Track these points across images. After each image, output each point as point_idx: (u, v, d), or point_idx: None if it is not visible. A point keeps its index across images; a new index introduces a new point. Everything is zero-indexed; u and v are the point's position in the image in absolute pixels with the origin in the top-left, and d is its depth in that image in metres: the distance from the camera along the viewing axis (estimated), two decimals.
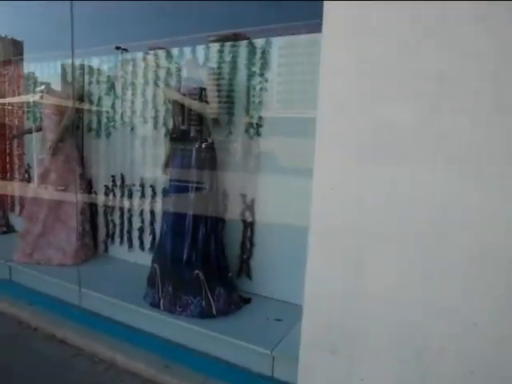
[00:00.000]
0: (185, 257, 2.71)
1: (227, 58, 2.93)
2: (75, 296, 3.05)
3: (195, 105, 2.68)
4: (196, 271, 2.69)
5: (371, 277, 1.78)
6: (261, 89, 2.82)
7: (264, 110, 2.83)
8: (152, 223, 3.47)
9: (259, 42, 2.81)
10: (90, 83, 3.71)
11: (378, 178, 1.68)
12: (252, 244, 2.99)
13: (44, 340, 2.86)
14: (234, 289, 2.80)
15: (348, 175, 1.77)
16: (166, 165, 2.99)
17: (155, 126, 3.35)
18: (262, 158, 2.90)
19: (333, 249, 1.86)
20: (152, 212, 3.45)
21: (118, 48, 3.57)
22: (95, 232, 3.79)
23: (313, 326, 1.93)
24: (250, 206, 2.96)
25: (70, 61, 3.73)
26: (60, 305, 3.13)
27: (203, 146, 2.73)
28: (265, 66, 2.80)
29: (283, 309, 2.80)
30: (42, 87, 3.69)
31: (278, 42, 2.77)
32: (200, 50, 3.05)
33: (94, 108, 3.70)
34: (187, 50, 3.11)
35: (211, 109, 2.71)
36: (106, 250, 3.79)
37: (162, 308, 2.69)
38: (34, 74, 4.15)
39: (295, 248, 2.78)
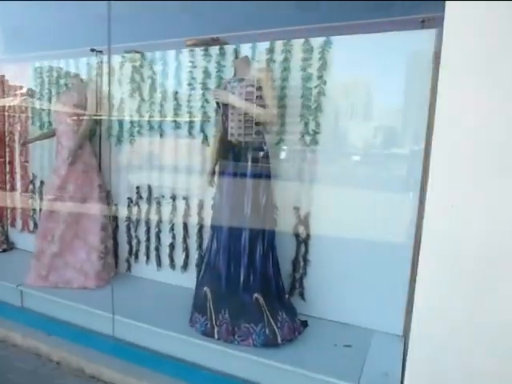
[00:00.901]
0: (242, 279, 2.42)
1: (278, 57, 2.68)
2: (104, 324, 2.70)
3: (257, 109, 2.40)
4: (255, 295, 2.40)
5: (502, 307, 1.57)
6: (318, 93, 2.58)
7: (322, 115, 2.59)
8: (185, 239, 3.15)
9: (317, 41, 2.58)
10: (110, 84, 3.36)
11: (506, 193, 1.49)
12: (306, 261, 2.74)
13: (71, 376, 2.52)
14: (295, 313, 2.54)
15: (472, 191, 1.56)
16: (213, 174, 2.71)
17: (190, 132, 3.04)
18: (318, 168, 2.65)
19: (452, 274, 1.64)
20: (185, 227, 3.13)
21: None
22: (116, 249, 3.43)
23: (421, 364, 1.70)
24: (303, 220, 2.71)
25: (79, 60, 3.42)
26: (86, 334, 2.76)
27: (261, 154, 2.46)
28: (323, 67, 2.57)
29: (344, 332, 2.56)
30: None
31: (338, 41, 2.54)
32: (246, 48, 2.79)
33: (115, 112, 3.35)
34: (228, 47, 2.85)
35: (271, 114, 2.43)
36: (129, 268, 3.43)
37: (216, 337, 2.38)
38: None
39: (352, 265, 2.59)
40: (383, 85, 2.49)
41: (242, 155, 2.47)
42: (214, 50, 2.91)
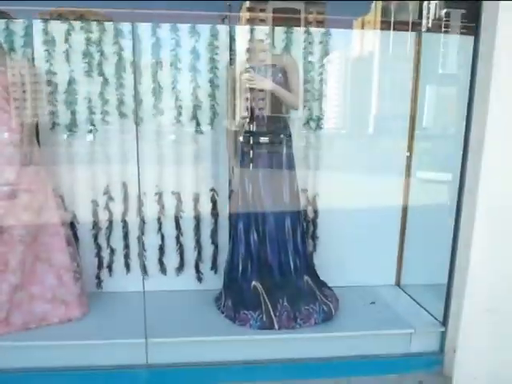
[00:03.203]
0: (292, 265, 2.47)
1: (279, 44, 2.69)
2: (129, 353, 2.28)
3: (290, 96, 2.40)
4: (305, 277, 2.50)
5: None
6: (321, 80, 2.75)
7: (324, 102, 2.78)
8: (178, 239, 2.84)
9: (317, 31, 2.72)
10: (49, 57, 2.60)
11: None
12: (315, 238, 2.94)
13: None
14: (326, 284, 2.73)
15: None
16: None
17: (177, 119, 2.71)
18: (323, 152, 2.85)
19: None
20: (178, 225, 2.82)
21: None
22: None
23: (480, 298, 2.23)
24: (311, 202, 2.89)
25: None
26: (103, 374, 2.26)
27: (290, 140, 2.50)
28: (324, 56, 2.74)
29: (360, 292, 2.93)
30: None
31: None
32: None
33: (61, 95, 2.63)
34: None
35: (298, 100, 2.48)
36: (100, 285, 2.84)
37: (277, 327, 2.38)
38: None
39: (351, 235, 2.96)
40: None
41: (273, 142, 2.45)
42: (204, 28, 2.66)
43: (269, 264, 2.44)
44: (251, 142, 2.45)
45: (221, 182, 2.82)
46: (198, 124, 2.73)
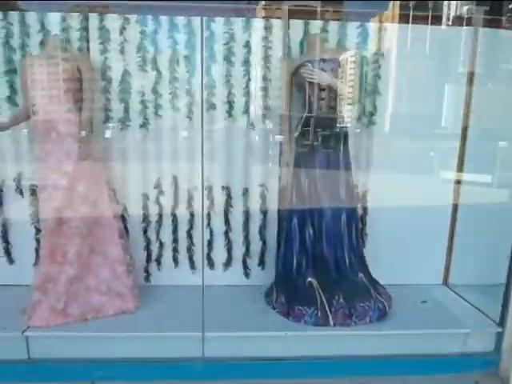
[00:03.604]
0: (347, 261, 2.45)
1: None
2: (185, 346, 2.29)
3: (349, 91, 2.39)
4: (360, 274, 2.48)
5: None
6: (374, 75, 2.72)
7: (378, 98, 2.75)
8: (227, 234, 2.84)
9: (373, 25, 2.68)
10: (105, 51, 2.61)
11: None
12: (363, 235, 2.90)
13: None
14: (378, 282, 2.70)
15: None
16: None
17: (229, 113, 2.71)
18: (374, 148, 2.82)
19: None
20: (227, 220, 2.82)
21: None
22: None
23: None
24: (361, 199, 2.85)
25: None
26: (158, 366, 2.27)
27: (347, 135, 2.48)
28: (378, 52, 2.70)
29: (408, 291, 2.89)
30: None
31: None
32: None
33: (116, 88, 2.64)
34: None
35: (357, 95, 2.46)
36: (148, 278, 2.86)
37: (332, 324, 2.36)
38: None
39: (400, 233, 2.91)
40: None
41: (331, 137, 2.43)
42: (258, 22, 2.64)
43: (325, 260, 2.43)
44: (309, 136, 2.44)
45: (270, 178, 2.80)
46: (249, 119, 2.72)
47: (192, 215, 2.80)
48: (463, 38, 2.79)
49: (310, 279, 2.43)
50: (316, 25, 2.67)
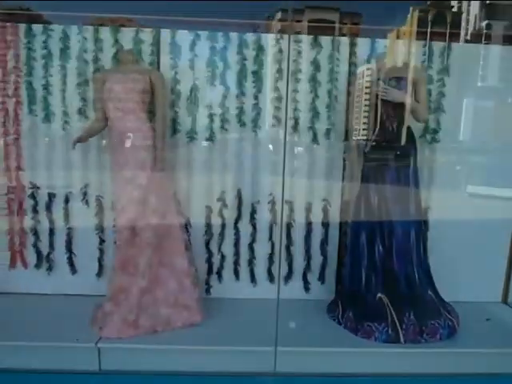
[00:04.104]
0: (417, 277, 2.44)
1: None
2: (255, 361, 2.28)
3: (421, 109, 2.42)
4: (428, 291, 2.47)
5: None
6: (439, 93, 2.74)
7: (442, 115, 2.76)
8: (288, 248, 2.84)
9: (439, 44, 2.72)
10: (175, 65, 2.67)
11: None
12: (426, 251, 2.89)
13: None
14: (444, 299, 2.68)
15: None
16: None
17: (295, 129, 2.74)
18: (437, 165, 2.82)
19: None
20: (289, 233, 2.83)
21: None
22: None
23: None
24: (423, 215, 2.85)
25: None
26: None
27: (417, 153, 2.49)
28: (445, 70, 2.73)
29: (468, 308, 2.85)
30: None
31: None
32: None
33: (184, 102, 2.69)
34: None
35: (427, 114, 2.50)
36: (208, 291, 2.86)
37: (402, 341, 2.34)
38: None
39: (463, 254, 2.88)
40: None
41: (402, 154, 2.45)
42: (326, 40, 2.69)
43: (395, 276, 2.42)
44: (380, 152, 2.45)
45: (333, 193, 2.81)
46: (314, 134, 2.75)
47: (254, 228, 2.82)
48: None
49: (379, 295, 2.42)
50: (381, 43, 2.72)
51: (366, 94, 2.45)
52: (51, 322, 2.47)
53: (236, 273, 2.87)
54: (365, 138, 2.49)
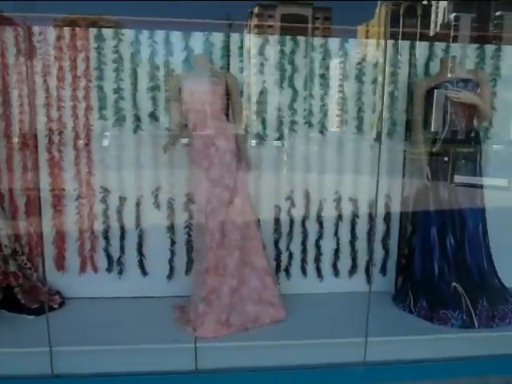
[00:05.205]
0: (486, 266, 2.62)
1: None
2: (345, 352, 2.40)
3: (488, 109, 2.59)
4: (495, 278, 2.66)
5: None
6: (491, 93, 2.91)
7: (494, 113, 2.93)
8: (352, 243, 2.96)
9: (490, 47, 2.89)
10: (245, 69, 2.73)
11: None
12: None
13: None
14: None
15: None
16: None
17: (359, 128, 2.85)
18: (487, 161, 2.99)
19: None
20: (353, 229, 2.95)
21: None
22: None
23: None
24: None
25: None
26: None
27: (482, 149, 2.67)
28: (495, 70, 2.91)
29: None
30: None
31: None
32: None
33: (254, 105, 2.75)
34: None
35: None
36: None
37: (476, 326, 2.51)
38: None
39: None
40: None
41: (470, 151, 2.62)
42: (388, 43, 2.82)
43: (467, 266, 2.59)
44: (449, 149, 2.61)
45: (394, 189, 2.95)
46: (378, 134, 2.87)
47: (321, 226, 2.92)
48: None
49: (454, 284, 2.58)
50: (439, 46, 2.87)
51: None
52: (135, 324, 2.49)
53: (303, 269, 2.96)
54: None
